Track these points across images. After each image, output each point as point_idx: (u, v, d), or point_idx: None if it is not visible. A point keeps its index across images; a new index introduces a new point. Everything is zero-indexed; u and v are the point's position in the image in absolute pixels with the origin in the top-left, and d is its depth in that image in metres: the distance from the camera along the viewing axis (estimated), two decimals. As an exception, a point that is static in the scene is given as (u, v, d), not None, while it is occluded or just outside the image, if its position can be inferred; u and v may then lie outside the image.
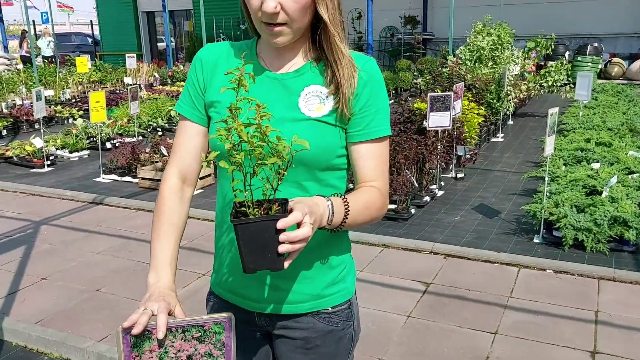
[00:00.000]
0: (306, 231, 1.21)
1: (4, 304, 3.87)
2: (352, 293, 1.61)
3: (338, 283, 1.56)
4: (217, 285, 1.65)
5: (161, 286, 1.44)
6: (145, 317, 1.31)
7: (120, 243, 5.01)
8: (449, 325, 3.49)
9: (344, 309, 1.58)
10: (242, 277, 1.53)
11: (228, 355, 1.42)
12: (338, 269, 1.56)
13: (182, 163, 1.56)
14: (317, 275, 1.52)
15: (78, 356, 3.31)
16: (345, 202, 1.37)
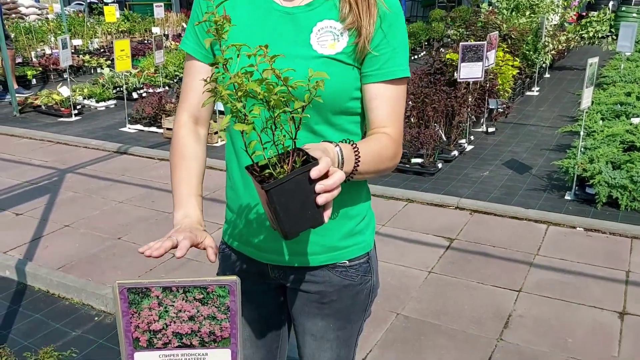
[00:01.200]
0: (340, 175, 1.09)
1: (27, 250, 3.92)
2: (371, 246, 1.52)
3: (356, 235, 1.47)
4: (229, 235, 1.57)
5: (188, 221, 1.34)
6: (168, 242, 1.22)
7: (143, 192, 5.01)
8: (471, 282, 3.39)
9: (362, 262, 1.49)
10: (256, 227, 1.45)
11: (233, 319, 1.35)
12: (356, 219, 1.46)
13: (192, 106, 1.46)
14: (333, 226, 1.42)
15: (97, 302, 3.34)
16: (355, 150, 1.25)
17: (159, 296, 1.30)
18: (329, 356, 1.58)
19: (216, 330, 1.36)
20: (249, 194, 1.44)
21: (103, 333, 3.10)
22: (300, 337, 1.60)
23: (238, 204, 1.48)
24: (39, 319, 3.24)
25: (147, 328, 1.33)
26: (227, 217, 1.57)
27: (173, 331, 1.35)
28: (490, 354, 2.74)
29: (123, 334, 1.33)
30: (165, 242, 1.24)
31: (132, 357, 1.36)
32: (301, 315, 1.55)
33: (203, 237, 1.32)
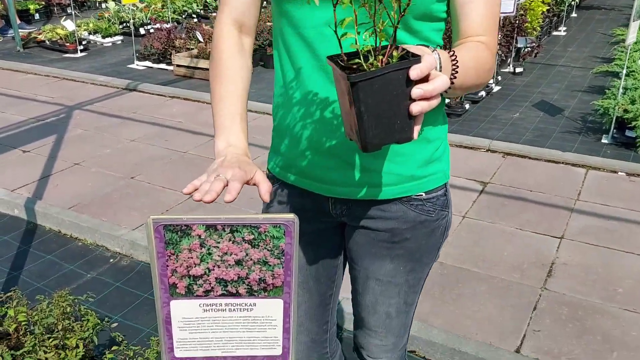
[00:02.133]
0: (444, 81, 0.86)
1: (36, 188, 3.72)
2: (449, 177, 1.30)
3: (434, 162, 1.24)
4: (279, 167, 1.33)
5: (233, 152, 1.13)
6: (219, 184, 1.02)
7: (156, 131, 4.76)
8: (509, 228, 3.18)
9: (440, 195, 1.27)
10: (316, 155, 1.22)
11: (287, 265, 1.13)
12: (435, 143, 1.24)
13: (236, 10, 1.22)
14: (411, 151, 1.20)
15: (112, 243, 3.16)
16: (452, 57, 1.00)
17: (202, 236, 1.08)
18: (394, 303, 1.38)
19: (267, 278, 1.15)
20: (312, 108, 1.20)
21: (119, 276, 2.93)
22: (361, 283, 1.40)
23: (294, 125, 1.24)
24: (51, 260, 3.07)
25: (186, 273, 1.12)
26: (276, 144, 1.33)
27: (216, 277, 1.13)
28: (535, 303, 2.56)
29: (158, 279, 1.12)
30: (215, 183, 1.03)
31: (167, 305, 1.15)
32: (365, 257, 1.34)
33: (253, 171, 1.10)
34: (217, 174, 1.06)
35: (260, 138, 4.62)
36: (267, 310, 1.18)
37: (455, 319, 2.45)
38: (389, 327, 1.44)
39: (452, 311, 2.51)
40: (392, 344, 1.48)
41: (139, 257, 3.06)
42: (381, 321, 1.43)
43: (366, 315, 1.45)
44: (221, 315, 1.18)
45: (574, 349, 2.29)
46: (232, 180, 1.03)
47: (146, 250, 3.02)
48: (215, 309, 1.17)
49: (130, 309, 2.67)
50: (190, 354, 1.22)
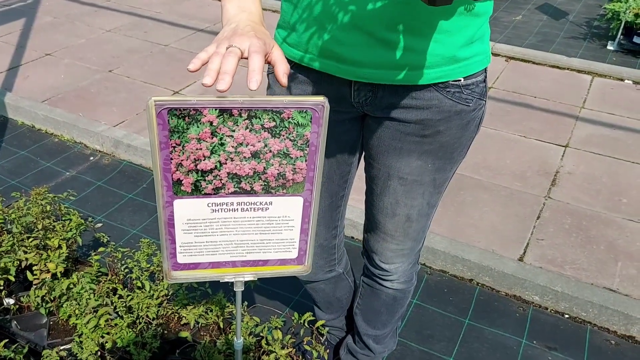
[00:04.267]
0: None
1: (5, 79, 3.42)
2: (490, 60, 1.12)
3: (477, 42, 1.06)
4: (291, 45, 1.12)
5: (246, 18, 0.93)
6: (232, 59, 0.80)
7: (133, 21, 4.39)
8: (513, 135, 3.04)
9: (479, 81, 1.10)
10: (339, 29, 1.01)
11: (312, 158, 0.95)
12: (483, 19, 1.05)
13: None
14: (456, 26, 1.00)
15: (91, 140, 2.94)
16: None
17: (214, 122, 0.89)
18: (417, 205, 1.24)
19: (287, 172, 0.98)
20: None
21: (101, 175, 2.74)
22: (380, 183, 1.24)
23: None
24: (25, 156, 2.85)
25: (194, 167, 0.94)
26: (288, 16, 1.11)
27: (229, 172, 0.96)
28: (539, 212, 2.47)
29: (160, 175, 0.94)
30: (228, 59, 0.80)
31: (170, 205, 0.99)
32: (389, 153, 1.18)
33: (271, 45, 0.89)
34: (229, 43, 0.84)
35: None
36: (285, 210, 1.03)
37: (457, 227, 2.36)
38: (407, 230, 1.31)
39: (453, 219, 2.41)
40: (409, 248, 1.36)
41: (121, 155, 2.86)
42: (400, 224, 1.29)
43: (383, 218, 1.31)
44: (232, 216, 1.01)
45: (578, 258, 2.23)
46: (252, 52, 0.82)
47: (129, 148, 2.82)
48: (225, 209, 1.00)
49: (113, 210, 2.51)
50: (194, 259, 1.07)
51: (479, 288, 2.16)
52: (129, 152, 2.83)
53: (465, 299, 2.11)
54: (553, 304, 2.07)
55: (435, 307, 2.07)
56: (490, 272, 2.14)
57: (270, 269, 1.11)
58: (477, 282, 2.18)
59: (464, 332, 1.97)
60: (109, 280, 1.72)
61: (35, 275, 1.75)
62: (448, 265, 2.22)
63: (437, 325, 2.00)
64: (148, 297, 1.65)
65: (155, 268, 1.75)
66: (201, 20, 4.46)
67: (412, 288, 1.51)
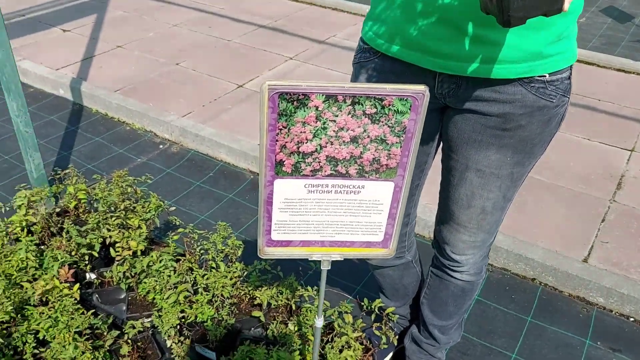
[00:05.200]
0: None
1: (80, 69, 3.59)
2: (576, 58, 1.14)
3: (565, 39, 1.08)
4: (380, 36, 1.17)
5: None
6: None
7: (198, 16, 4.53)
8: (576, 137, 3.01)
9: (564, 78, 1.12)
10: (429, 23, 1.05)
11: (407, 144, 1.00)
12: (572, 17, 1.07)
13: None
14: (542, 25, 1.03)
15: (161, 129, 3.07)
16: None
17: (319, 107, 0.95)
18: (493, 197, 1.27)
19: (382, 157, 1.03)
20: None
21: (170, 162, 2.86)
22: (457, 175, 1.28)
23: None
24: (100, 142, 3.01)
25: (296, 149, 1.00)
26: (379, 8, 1.16)
27: (327, 155, 1.02)
28: (604, 215, 2.44)
29: (265, 155, 1.01)
30: None
31: (271, 184, 1.05)
32: (468, 145, 1.21)
33: None
34: None
35: (308, 30, 4.39)
36: (375, 194, 1.08)
37: (519, 226, 2.36)
38: (481, 222, 1.34)
39: (516, 218, 2.41)
40: (480, 240, 1.39)
41: (189, 144, 2.98)
42: (474, 216, 1.33)
43: (457, 209, 1.34)
44: (326, 197, 1.08)
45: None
46: None
47: (196, 138, 2.94)
48: (320, 191, 1.06)
49: (182, 196, 2.62)
50: (287, 237, 1.14)
51: (542, 287, 2.16)
52: (197, 141, 2.94)
53: (528, 298, 2.11)
54: (618, 307, 2.05)
55: (496, 304, 2.09)
56: (554, 272, 2.13)
57: (356, 251, 1.17)
58: (539, 281, 2.19)
59: (526, 330, 1.98)
60: (186, 259, 1.81)
61: (117, 252, 1.87)
62: (510, 263, 2.22)
63: (498, 322, 2.02)
64: (223, 277, 1.74)
65: (229, 250, 1.83)
66: (263, 16, 4.56)
67: (480, 281, 1.54)
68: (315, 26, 4.38)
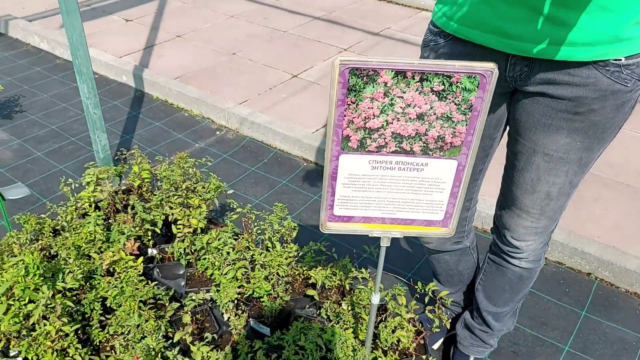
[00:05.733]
0: None
1: (141, 57, 3.73)
2: None
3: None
4: (450, 19, 1.18)
5: None
6: None
7: (254, 8, 4.62)
8: (638, 133, 2.92)
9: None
10: (503, 3, 1.06)
11: (472, 123, 1.02)
12: None
13: None
14: (620, 8, 1.02)
15: (218, 116, 3.16)
16: None
17: (388, 83, 0.98)
18: (559, 182, 1.27)
19: (447, 135, 1.05)
20: None
21: (226, 148, 2.94)
22: (524, 159, 1.28)
23: None
24: (160, 127, 3.12)
25: (363, 125, 1.04)
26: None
27: (393, 132, 1.04)
28: (665, 213, 2.38)
29: (332, 130, 1.05)
30: None
31: (336, 159, 1.09)
32: (537, 129, 1.21)
33: None
34: None
35: (362, 22, 4.40)
36: (438, 172, 1.10)
37: (576, 221, 2.32)
38: (545, 208, 1.34)
39: (572, 213, 2.37)
40: (543, 226, 1.39)
41: (244, 131, 3.05)
42: (538, 201, 1.33)
43: (521, 194, 1.34)
44: (389, 174, 1.10)
45: None
46: None
47: (252, 125, 3.01)
48: (384, 167, 1.09)
49: (237, 181, 2.69)
50: (349, 212, 1.17)
51: (598, 282, 2.12)
52: (252, 129, 3.01)
53: (583, 292, 2.08)
54: (678, 305, 2.00)
55: (550, 297, 2.06)
56: (611, 267, 2.09)
57: (416, 229, 1.19)
58: (595, 276, 2.15)
59: (580, 324, 1.95)
60: (244, 238, 1.87)
61: (179, 229, 1.94)
62: (565, 257, 2.19)
63: (551, 314, 1.99)
64: (279, 255, 1.79)
65: (284, 231, 1.88)
66: (317, 8, 4.60)
67: (539, 269, 1.53)
68: (369, 18, 4.40)
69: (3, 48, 4.03)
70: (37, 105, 3.27)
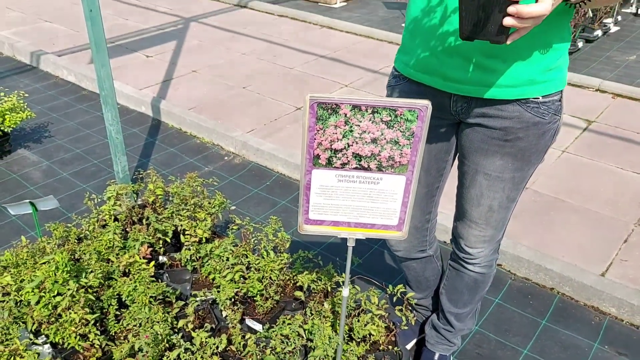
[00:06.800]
0: (542, 8, 0.98)
1: (159, 90, 4.08)
2: (565, 84, 1.41)
3: (554, 70, 1.35)
4: (407, 66, 1.48)
5: None
6: None
7: (265, 47, 4.99)
8: (609, 166, 3.18)
9: (555, 100, 1.39)
10: (445, 55, 1.36)
11: (415, 146, 1.31)
12: (557, 54, 1.34)
13: None
14: (535, 58, 1.31)
15: (226, 143, 3.47)
16: None
17: (347, 114, 1.28)
18: (498, 197, 1.54)
19: (396, 156, 1.34)
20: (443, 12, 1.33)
21: (232, 171, 3.24)
22: (469, 178, 1.56)
23: (424, 28, 1.38)
24: (174, 152, 3.43)
25: (329, 146, 1.33)
26: (408, 44, 1.47)
27: (353, 152, 1.33)
28: (627, 237, 2.62)
29: (305, 150, 1.34)
30: None
31: (309, 173, 1.38)
32: (477, 152, 1.49)
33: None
34: None
35: (364, 60, 4.74)
36: (391, 185, 1.38)
37: (543, 242, 2.57)
38: (489, 219, 1.60)
39: (541, 234, 2.62)
40: (489, 235, 1.65)
41: (250, 157, 3.36)
42: (483, 213, 1.59)
43: (470, 208, 1.61)
44: (352, 186, 1.39)
45: (661, 282, 2.36)
46: None
47: (257, 151, 3.31)
48: (347, 180, 1.38)
49: (241, 200, 2.98)
50: (321, 217, 1.45)
51: (559, 296, 2.36)
52: (257, 155, 3.31)
53: (545, 304, 2.32)
54: (629, 317, 2.23)
55: (515, 308, 2.30)
56: (570, 282, 2.34)
57: (376, 232, 1.47)
58: (557, 290, 2.39)
59: (540, 331, 2.19)
60: (242, 246, 2.15)
61: (186, 238, 2.23)
62: (531, 273, 2.44)
63: (515, 323, 2.23)
64: (272, 261, 2.06)
65: (278, 241, 2.15)
66: (323, 47, 4.96)
67: (491, 275, 1.79)
68: (370, 57, 4.74)
69: (35, 80, 4.42)
70: (64, 132, 3.62)
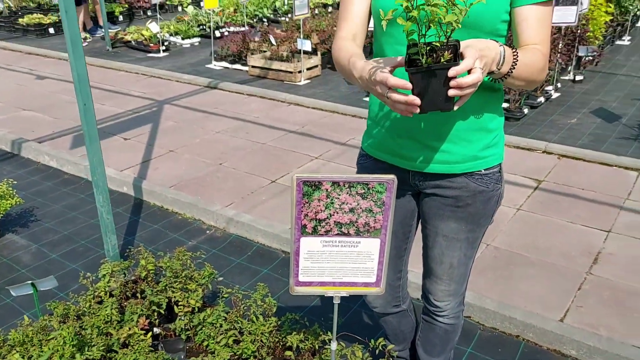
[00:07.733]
0: (476, 77, 1.26)
1: (140, 170, 4.29)
2: (503, 158, 1.69)
3: (492, 147, 1.64)
4: (372, 147, 1.76)
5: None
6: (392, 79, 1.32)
7: (237, 125, 5.29)
8: (560, 221, 3.50)
9: (495, 172, 1.67)
10: (402, 139, 1.63)
11: (386, 213, 1.56)
12: (494, 133, 1.63)
13: (351, 25, 1.63)
14: (475, 138, 1.60)
15: (207, 217, 3.67)
16: (514, 53, 1.40)
17: (328, 189, 1.53)
18: (457, 255, 1.78)
19: (370, 222, 1.58)
20: None
21: (215, 244, 3.43)
22: (431, 239, 1.81)
23: (386, 117, 1.67)
24: (157, 229, 3.61)
25: (314, 217, 1.57)
26: (371, 130, 1.75)
27: (335, 220, 1.58)
28: (580, 285, 2.89)
29: (294, 221, 1.58)
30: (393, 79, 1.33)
31: (298, 240, 1.61)
32: (435, 217, 1.75)
33: None
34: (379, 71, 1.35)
35: (331, 134, 5.08)
36: (368, 247, 1.62)
37: (506, 294, 2.82)
38: (451, 275, 1.84)
39: (503, 288, 2.87)
40: (453, 289, 1.88)
41: (231, 230, 3.56)
42: (446, 270, 1.83)
43: (434, 266, 1.86)
44: (335, 249, 1.62)
45: (612, 322, 2.61)
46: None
47: (237, 224, 3.52)
48: (331, 245, 1.61)
49: (226, 271, 3.16)
50: (310, 278, 1.67)
51: (524, 342, 2.59)
52: (237, 227, 3.52)
53: (512, 351, 2.54)
54: (587, 357, 2.46)
55: (485, 355, 2.51)
56: (533, 329, 2.57)
57: (358, 289, 1.69)
58: (522, 337, 2.61)
59: (509, 376, 2.39)
60: (233, 312, 2.32)
61: (180, 309, 2.39)
62: (497, 322, 2.66)
63: (487, 370, 2.44)
64: (262, 325, 2.24)
65: (266, 306, 2.34)
66: (292, 123, 5.30)
67: (459, 325, 2.01)
68: (338, 131, 5.08)
69: (16, 167, 4.59)
70: (49, 215, 3.77)
